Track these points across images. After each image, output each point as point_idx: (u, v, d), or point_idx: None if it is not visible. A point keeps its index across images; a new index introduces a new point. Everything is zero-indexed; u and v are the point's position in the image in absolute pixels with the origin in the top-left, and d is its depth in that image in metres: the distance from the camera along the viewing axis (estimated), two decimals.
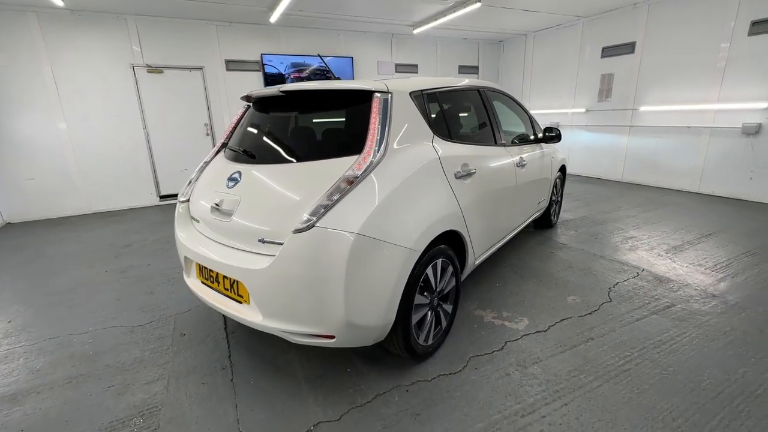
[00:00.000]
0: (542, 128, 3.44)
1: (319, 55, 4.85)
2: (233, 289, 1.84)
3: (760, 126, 4.82)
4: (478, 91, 2.72)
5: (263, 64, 6.47)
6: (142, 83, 5.78)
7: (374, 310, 1.63)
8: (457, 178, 2.10)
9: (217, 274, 1.90)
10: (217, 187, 1.99)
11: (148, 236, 4.46)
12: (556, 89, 7.62)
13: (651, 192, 5.77)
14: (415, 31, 7.00)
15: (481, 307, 2.58)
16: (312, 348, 2.18)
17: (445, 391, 1.83)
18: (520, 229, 3.22)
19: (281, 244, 1.64)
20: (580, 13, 6.45)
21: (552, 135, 3.33)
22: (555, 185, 3.90)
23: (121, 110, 5.71)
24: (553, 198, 3.98)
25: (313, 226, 1.55)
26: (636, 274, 2.99)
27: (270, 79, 6.57)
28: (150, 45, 5.71)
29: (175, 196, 6.25)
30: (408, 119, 1.94)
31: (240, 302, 1.82)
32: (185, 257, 2.11)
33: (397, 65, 7.68)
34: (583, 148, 7.27)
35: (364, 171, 1.64)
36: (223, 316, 2.61)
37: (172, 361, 2.14)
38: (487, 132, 2.67)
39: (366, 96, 1.87)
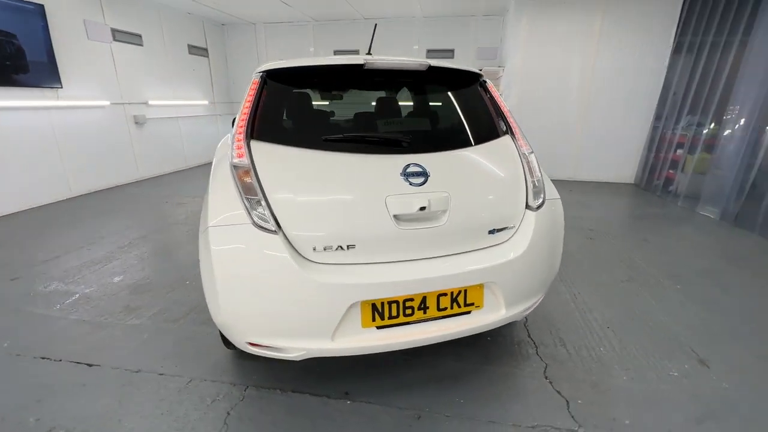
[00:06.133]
0: None
1: None
2: (458, 302, 1.53)
3: None
4: None
5: None
6: None
7: None
8: None
9: (424, 297, 1.47)
10: (379, 191, 1.45)
11: None
12: None
13: None
14: None
15: None
16: (425, 356, 2.03)
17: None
18: None
19: (512, 228, 1.62)
20: (311, 14, 7.30)
21: None
22: None
23: None
24: None
25: (545, 201, 1.68)
26: None
27: None
28: None
29: None
30: None
31: (469, 312, 1.56)
32: (350, 305, 1.36)
33: (114, 31, 5.59)
34: None
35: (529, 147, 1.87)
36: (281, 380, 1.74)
37: None
38: None
39: (469, 78, 1.93)
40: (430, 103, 1.94)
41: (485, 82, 1.96)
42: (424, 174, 1.50)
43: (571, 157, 6.48)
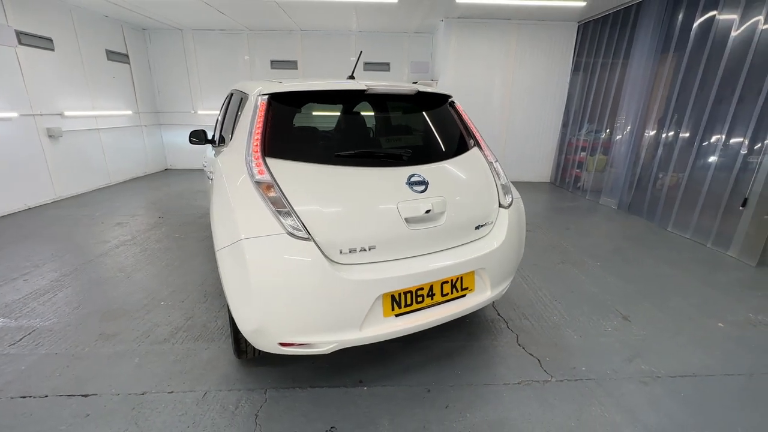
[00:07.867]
0: None
1: None
2: (456, 287, 1.83)
3: None
4: None
5: None
6: None
7: None
8: None
9: (431, 286, 1.76)
10: (391, 198, 1.69)
11: None
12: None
13: None
14: None
15: None
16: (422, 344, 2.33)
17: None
18: None
19: (491, 223, 1.99)
20: (247, 24, 7.19)
21: None
22: None
23: None
24: None
25: (513, 200, 2.07)
26: None
27: None
28: None
29: None
30: None
31: (464, 295, 1.87)
32: (376, 298, 1.58)
33: (20, 34, 4.94)
34: None
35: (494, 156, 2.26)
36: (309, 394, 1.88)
37: None
38: None
39: (443, 99, 2.27)
40: (418, 121, 2.24)
41: (453, 102, 2.32)
42: (424, 182, 1.79)
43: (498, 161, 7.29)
